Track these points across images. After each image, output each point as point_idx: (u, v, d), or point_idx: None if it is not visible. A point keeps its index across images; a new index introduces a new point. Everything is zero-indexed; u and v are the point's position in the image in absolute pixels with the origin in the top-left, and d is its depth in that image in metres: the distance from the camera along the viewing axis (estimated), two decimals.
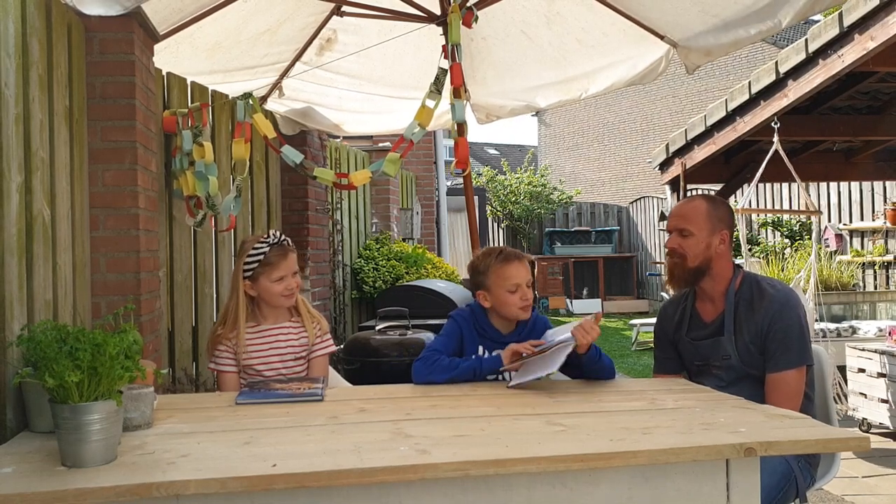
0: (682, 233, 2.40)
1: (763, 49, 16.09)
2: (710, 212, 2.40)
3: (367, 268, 5.88)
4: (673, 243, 2.42)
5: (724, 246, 2.39)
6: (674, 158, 6.75)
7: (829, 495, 3.66)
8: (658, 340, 2.60)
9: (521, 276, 2.42)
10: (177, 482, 1.40)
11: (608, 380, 2.37)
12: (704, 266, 2.38)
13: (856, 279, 7.93)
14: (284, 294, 2.54)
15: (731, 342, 2.34)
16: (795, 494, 2.22)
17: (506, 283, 2.41)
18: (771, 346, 2.27)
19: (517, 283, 2.41)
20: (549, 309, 13.22)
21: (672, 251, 2.43)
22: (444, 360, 2.36)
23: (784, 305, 2.29)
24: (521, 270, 2.42)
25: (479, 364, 2.35)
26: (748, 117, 5.66)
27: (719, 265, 2.39)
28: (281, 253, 2.53)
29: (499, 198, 15.02)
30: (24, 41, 2.05)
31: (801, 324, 2.29)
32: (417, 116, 3.34)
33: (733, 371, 2.33)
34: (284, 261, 2.52)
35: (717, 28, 3.48)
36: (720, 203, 2.46)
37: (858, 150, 6.74)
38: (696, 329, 2.45)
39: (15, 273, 1.93)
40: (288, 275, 2.53)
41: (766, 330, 2.28)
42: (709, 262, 2.38)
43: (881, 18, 4.27)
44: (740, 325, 2.33)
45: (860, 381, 4.75)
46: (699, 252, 2.37)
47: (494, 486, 1.57)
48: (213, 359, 2.54)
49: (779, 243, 10.27)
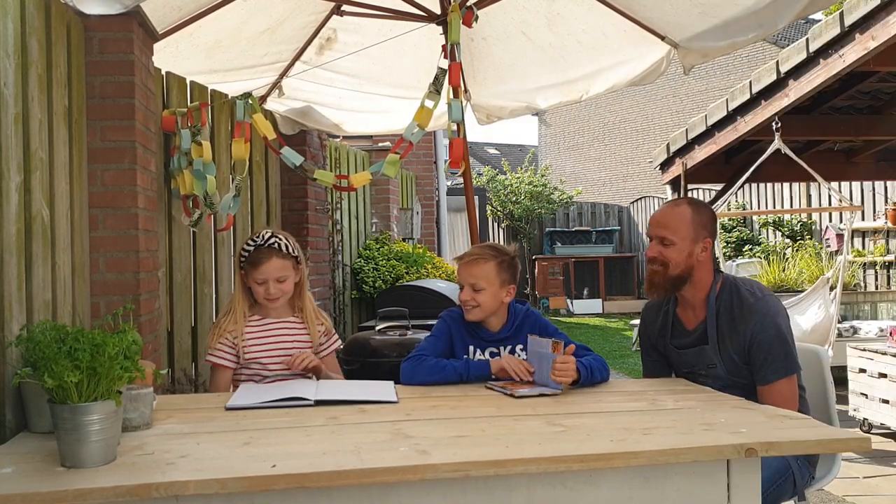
0: (662, 241, 2.33)
1: (764, 49, 16.08)
2: (693, 219, 2.32)
3: (367, 268, 5.88)
4: (653, 251, 2.36)
5: (706, 254, 2.34)
6: (674, 158, 6.75)
7: (829, 496, 3.66)
8: (643, 345, 2.57)
9: (463, 278, 2.43)
10: (176, 483, 1.40)
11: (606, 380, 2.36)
12: (686, 274, 2.32)
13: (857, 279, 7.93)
14: (265, 297, 2.49)
15: (716, 352, 2.30)
16: (793, 492, 2.21)
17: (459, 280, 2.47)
18: (756, 359, 2.24)
19: (460, 282, 2.45)
20: (550, 309, 13.22)
21: (652, 259, 2.36)
22: (430, 361, 2.36)
23: (764, 316, 2.24)
24: (462, 273, 2.44)
25: (465, 369, 2.34)
26: (749, 117, 5.66)
27: (700, 273, 2.34)
28: (262, 256, 2.46)
29: (499, 198, 15.01)
30: (24, 40, 2.05)
31: (783, 332, 2.24)
32: (416, 117, 3.33)
33: (720, 380, 2.30)
34: (264, 265, 2.45)
35: (717, 28, 3.47)
36: (704, 209, 2.39)
37: (859, 149, 6.73)
38: (680, 336, 2.42)
39: (14, 273, 1.92)
40: (269, 280, 2.46)
41: (749, 343, 2.24)
42: (690, 270, 2.32)
43: (882, 18, 4.27)
44: (723, 336, 2.29)
45: (861, 382, 4.74)
46: (681, 261, 2.31)
47: (494, 487, 1.56)
48: (210, 351, 2.50)
49: (780, 243, 10.26)
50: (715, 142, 6.14)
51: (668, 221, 2.34)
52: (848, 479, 3.88)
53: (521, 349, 2.46)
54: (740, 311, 2.28)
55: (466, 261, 2.46)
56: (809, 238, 10.00)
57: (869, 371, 4.67)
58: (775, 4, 3.12)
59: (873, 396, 4.63)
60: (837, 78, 4.89)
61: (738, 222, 11.31)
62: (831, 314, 5.09)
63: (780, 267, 7.28)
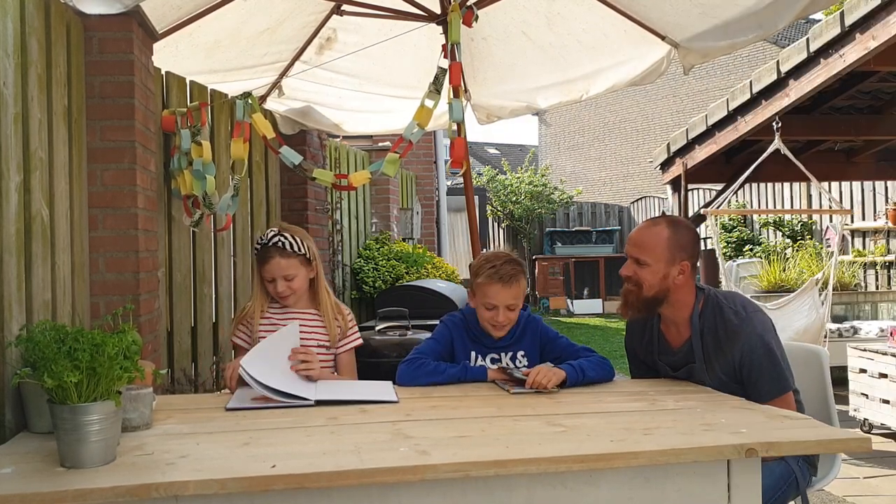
0: (637, 261, 2.28)
1: (764, 48, 16.08)
2: (670, 241, 2.25)
3: (367, 268, 5.88)
4: (628, 270, 2.31)
5: (685, 276, 2.27)
6: (675, 158, 6.75)
7: (829, 496, 3.66)
8: (630, 355, 2.55)
9: (501, 300, 2.38)
10: (176, 483, 1.40)
11: (609, 380, 2.36)
12: (661, 296, 2.27)
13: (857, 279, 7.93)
14: (276, 294, 2.51)
15: (704, 372, 2.27)
16: (795, 494, 2.21)
17: (484, 299, 2.41)
18: (748, 380, 2.20)
19: (494, 304, 2.39)
20: (550, 309, 13.21)
21: (627, 278, 2.32)
22: (429, 364, 2.35)
23: (750, 336, 2.19)
24: (502, 294, 2.37)
25: (463, 374, 2.34)
26: (749, 117, 5.66)
27: (679, 295, 2.28)
28: (267, 255, 2.48)
29: (499, 198, 15.01)
30: (23, 40, 2.05)
31: (772, 351, 2.18)
32: (416, 117, 3.33)
33: None
34: (269, 264, 2.47)
35: (718, 29, 3.47)
36: (685, 230, 2.31)
37: (859, 149, 6.73)
38: (666, 354, 2.38)
39: (14, 273, 1.92)
40: (277, 278, 2.48)
41: (739, 364, 2.20)
42: (665, 292, 2.27)
43: (882, 18, 4.27)
44: (710, 358, 2.26)
45: (862, 382, 4.74)
46: (655, 283, 2.25)
47: (494, 487, 1.56)
48: (234, 331, 2.60)
49: (780, 243, 10.26)
50: (715, 142, 6.14)
51: (645, 241, 2.29)
52: (848, 479, 3.87)
53: (522, 355, 2.47)
54: (724, 332, 2.23)
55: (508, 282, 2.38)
56: (810, 238, 9.99)
57: (869, 371, 4.67)
58: (775, 4, 3.12)
59: (874, 396, 4.63)
60: (838, 78, 4.89)
61: (738, 222, 11.31)
62: (822, 315, 5.08)
63: (781, 267, 7.27)
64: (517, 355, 2.47)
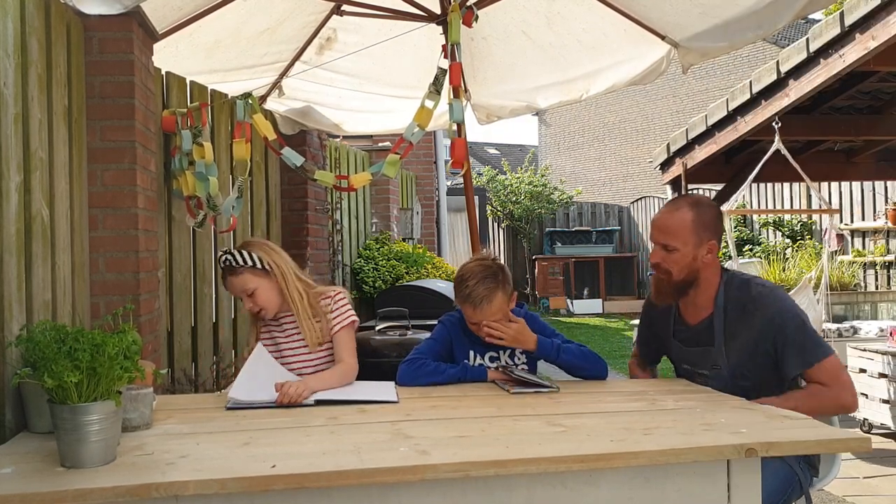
0: (665, 247, 2.28)
1: (764, 48, 16.08)
2: (695, 222, 2.25)
3: (367, 268, 5.88)
4: (657, 258, 2.31)
5: (712, 255, 2.28)
6: (675, 158, 6.74)
7: (830, 496, 3.66)
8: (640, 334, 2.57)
9: (478, 318, 2.38)
10: (176, 483, 1.40)
11: (600, 376, 2.41)
12: (691, 278, 2.28)
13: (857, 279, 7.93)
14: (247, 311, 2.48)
15: (722, 353, 2.26)
16: (798, 496, 2.21)
17: (465, 314, 2.43)
18: (784, 349, 2.17)
19: (473, 322, 2.40)
20: (550, 309, 13.21)
21: (656, 266, 2.32)
22: (429, 364, 2.36)
23: (780, 302, 2.21)
24: (477, 315, 2.37)
25: (463, 374, 2.36)
26: (749, 117, 5.65)
27: (706, 273, 2.29)
28: (223, 277, 2.46)
29: (499, 198, 15.01)
30: (23, 40, 2.05)
31: (804, 319, 2.20)
32: (416, 117, 3.33)
33: (721, 380, 2.26)
34: (227, 283, 2.45)
35: (717, 28, 3.47)
36: (707, 208, 2.31)
37: (859, 149, 6.73)
38: (681, 331, 2.39)
39: (14, 273, 1.92)
40: (239, 296, 2.45)
41: (766, 336, 2.19)
42: (696, 273, 2.28)
43: (882, 18, 4.26)
44: (731, 333, 2.25)
45: (861, 382, 4.73)
46: (685, 266, 2.26)
47: (494, 487, 1.56)
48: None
49: (780, 243, 10.26)
50: (715, 142, 6.13)
51: (670, 227, 2.28)
52: (848, 479, 3.87)
53: (520, 353, 2.48)
54: (752, 300, 2.23)
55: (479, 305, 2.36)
56: (809, 238, 10.00)
57: (869, 371, 4.67)
58: (775, 4, 3.12)
59: (873, 396, 4.63)
60: (837, 78, 4.88)
61: (738, 222, 11.32)
62: (818, 313, 5.08)
63: (781, 267, 7.27)
64: (515, 352, 2.48)
